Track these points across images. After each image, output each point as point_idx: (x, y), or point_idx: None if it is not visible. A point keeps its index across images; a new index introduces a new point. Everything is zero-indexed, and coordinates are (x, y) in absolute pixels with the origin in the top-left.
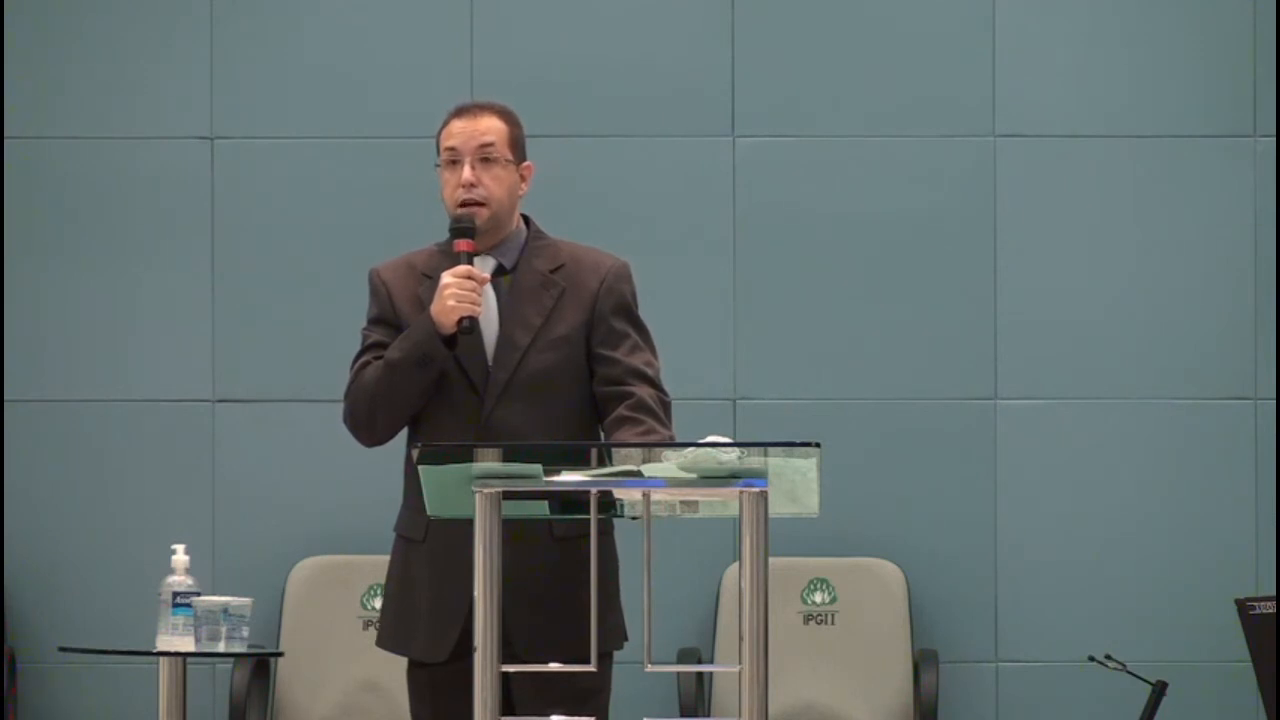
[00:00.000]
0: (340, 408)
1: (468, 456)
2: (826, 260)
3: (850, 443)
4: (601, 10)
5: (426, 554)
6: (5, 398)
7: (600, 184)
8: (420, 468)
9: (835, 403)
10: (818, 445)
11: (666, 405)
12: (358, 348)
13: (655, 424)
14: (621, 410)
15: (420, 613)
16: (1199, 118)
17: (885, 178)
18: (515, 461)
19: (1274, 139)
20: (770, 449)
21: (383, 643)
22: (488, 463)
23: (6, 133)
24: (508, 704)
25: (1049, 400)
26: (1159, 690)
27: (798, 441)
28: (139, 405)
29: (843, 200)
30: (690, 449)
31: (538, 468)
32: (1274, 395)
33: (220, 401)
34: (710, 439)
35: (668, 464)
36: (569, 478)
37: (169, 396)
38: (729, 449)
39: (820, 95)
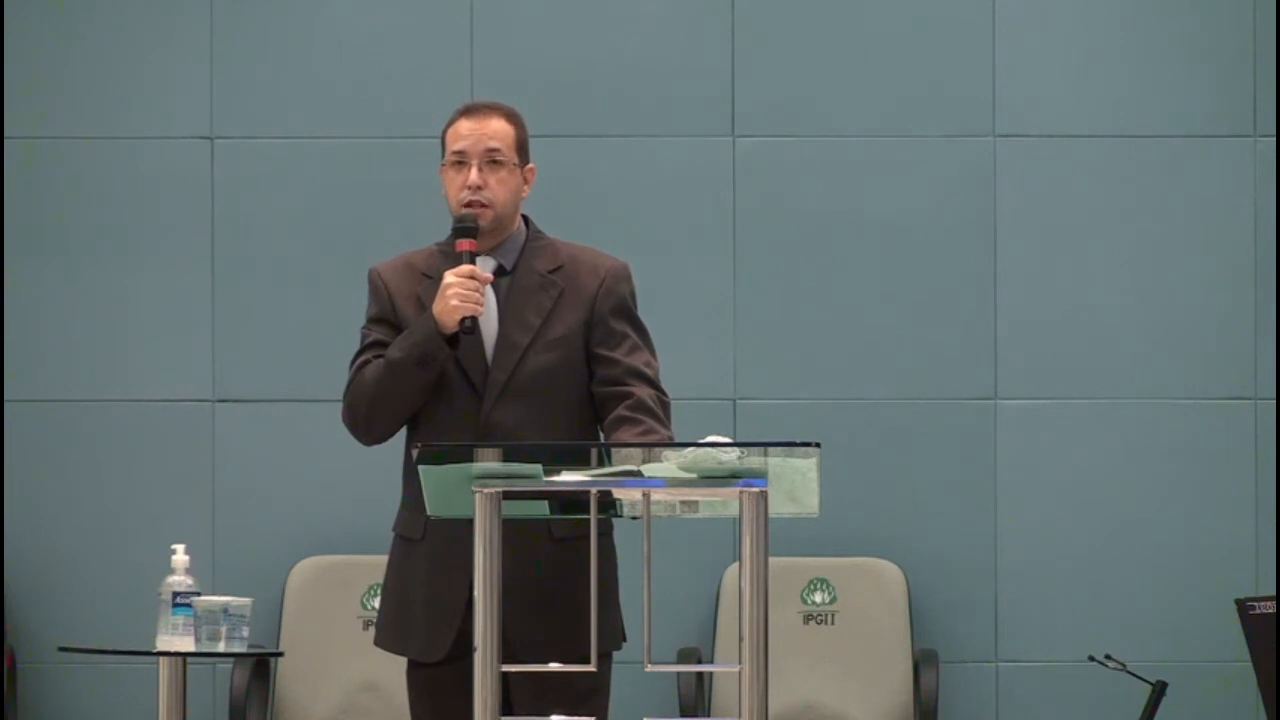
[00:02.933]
0: (339, 407)
1: (468, 456)
2: (826, 260)
3: (850, 443)
4: (601, 10)
5: (424, 553)
6: (5, 398)
7: (600, 184)
8: (420, 468)
9: (835, 403)
10: (818, 445)
11: (666, 405)
12: (357, 346)
13: (655, 424)
14: (621, 410)
15: (417, 612)
16: (1199, 118)
17: (885, 178)
18: (515, 461)
19: (1274, 139)
20: (770, 449)
21: (381, 642)
22: (488, 463)
23: (6, 133)
24: (506, 704)
25: (1049, 400)
26: (1159, 690)
27: (798, 441)
28: (139, 405)
29: (843, 200)
30: (690, 449)
31: (538, 468)
32: (1274, 395)
33: (220, 401)
34: (710, 439)
35: (668, 464)
36: (569, 478)
37: (169, 396)
38: (729, 449)
39: (820, 95)
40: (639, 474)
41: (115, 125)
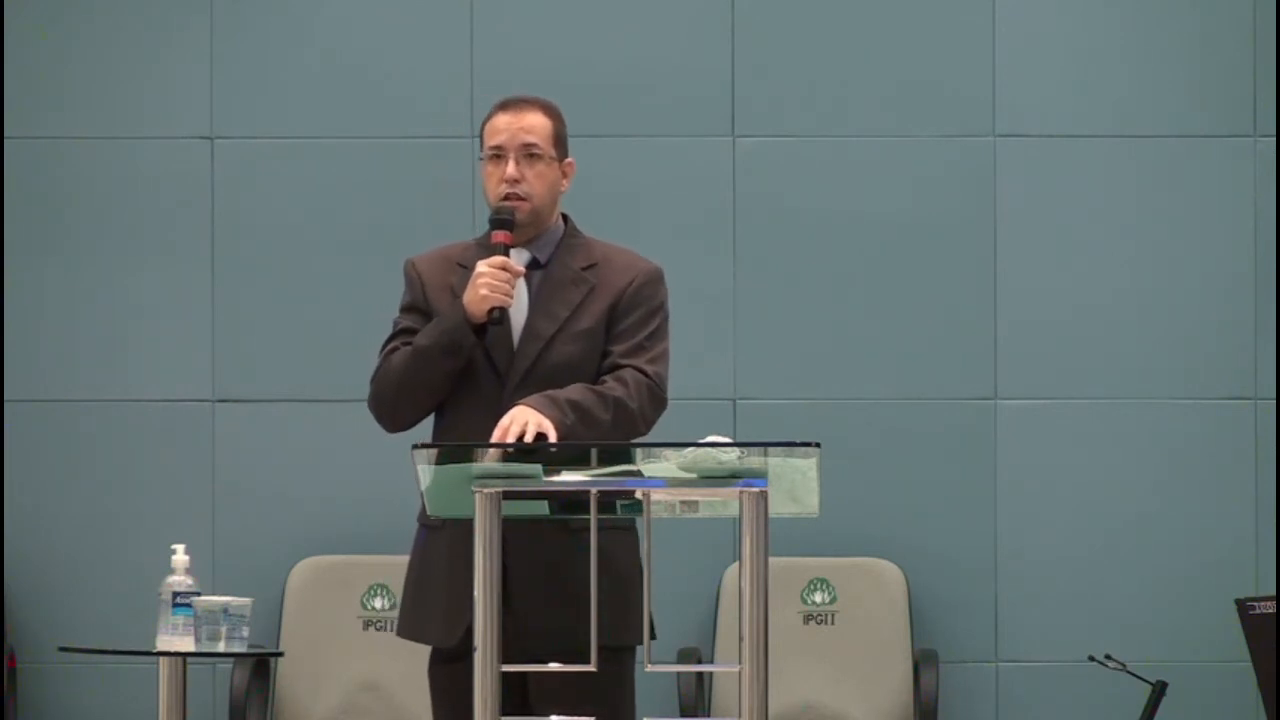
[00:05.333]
0: (340, 407)
1: (468, 456)
2: (826, 260)
3: (850, 443)
4: (601, 10)
5: (444, 540)
6: (5, 398)
7: (600, 184)
8: (420, 467)
9: (835, 403)
10: (818, 445)
11: (649, 387)
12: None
13: (616, 384)
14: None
15: (436, 598)
16: (1199, 118)
17: (885, 178)
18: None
19: (1274, 139)
20: (770, 449)
21: (401, 631)
22: (488, 463)
23: (6, 133)
24: (524, 700)
25: (1049, 400)
26: (1159, 690)
27: (798, 441)
28: (139, 405)
29: (843, 200)
30: (690, 449)
31: (538, 468)
32: (1274, 395)
33: (220, 401)
34: (710, 439)
35: (668, 464)
36: (569, 477)
37: (169, 396)
38: (729, 449)
39: (820, 95)
40: (639, 474)
41: (115, 125)
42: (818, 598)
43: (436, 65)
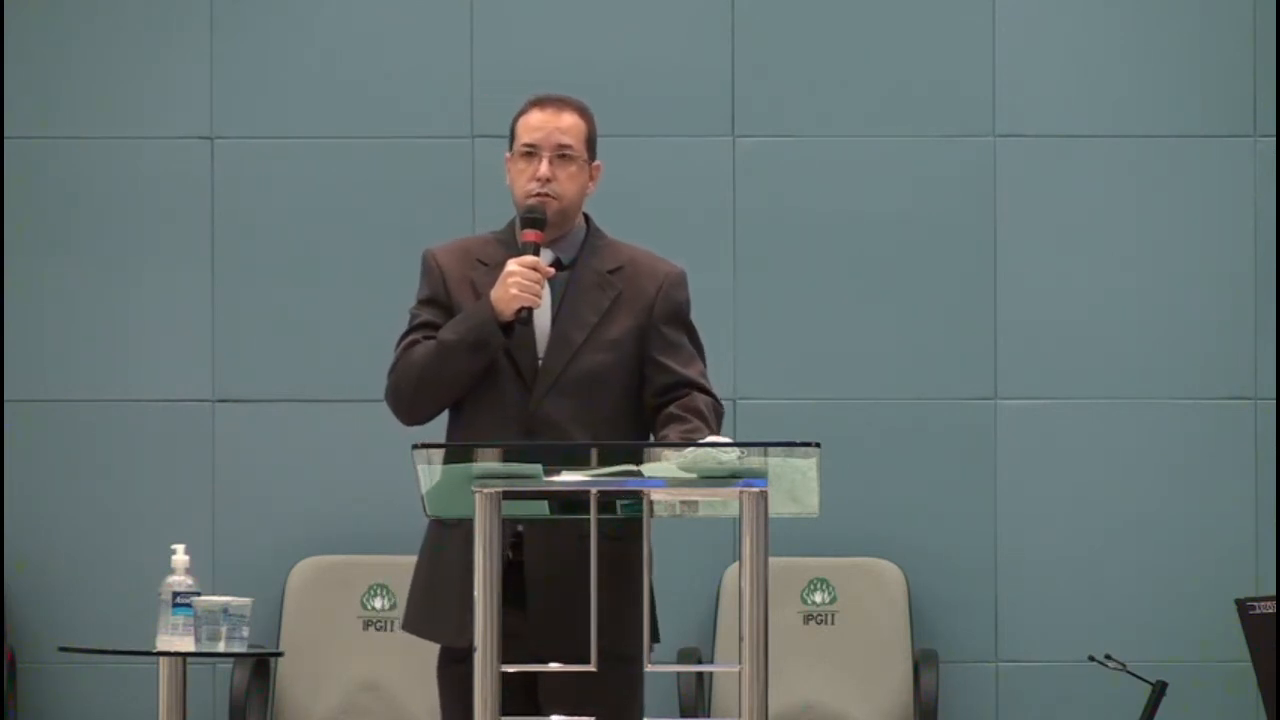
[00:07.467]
0: (340, 407)
1: (470, 457)
2: (827, 260)
3: (850, 443)
4: (601, 10)
5: (460, 537)
6: (5, 398)
7: (600, 183)
8: (419, 467)
9: (835, 403)
10: (818, 445)
11: (719, 412)
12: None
13: (701, 424)
14: (672, 408)
15: (450, 596)
16: (1199, 118)
17: (885, 178)
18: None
19: (1274, 139)
20: (770, 449)
21: (408, 626)
22: (488, 463)
23: (6, 133)
24: (534, 703)
25: (1049, 400)
26: (1159, 690)
27: (798, 441)
28: (139, 405)
29: (843, 200)
30: (690, 449)
31: (538, 468)
32: (1274, 395)
33: (220, 401)
34: (710, 439)
35: (668, 464)
36: (569, 477)
37: (169, 396)
38: (729, 449)
39: (820, 95)
40: (639, 474)
41: (115, 125)
42: (818, 598)
43: (436, 65)
